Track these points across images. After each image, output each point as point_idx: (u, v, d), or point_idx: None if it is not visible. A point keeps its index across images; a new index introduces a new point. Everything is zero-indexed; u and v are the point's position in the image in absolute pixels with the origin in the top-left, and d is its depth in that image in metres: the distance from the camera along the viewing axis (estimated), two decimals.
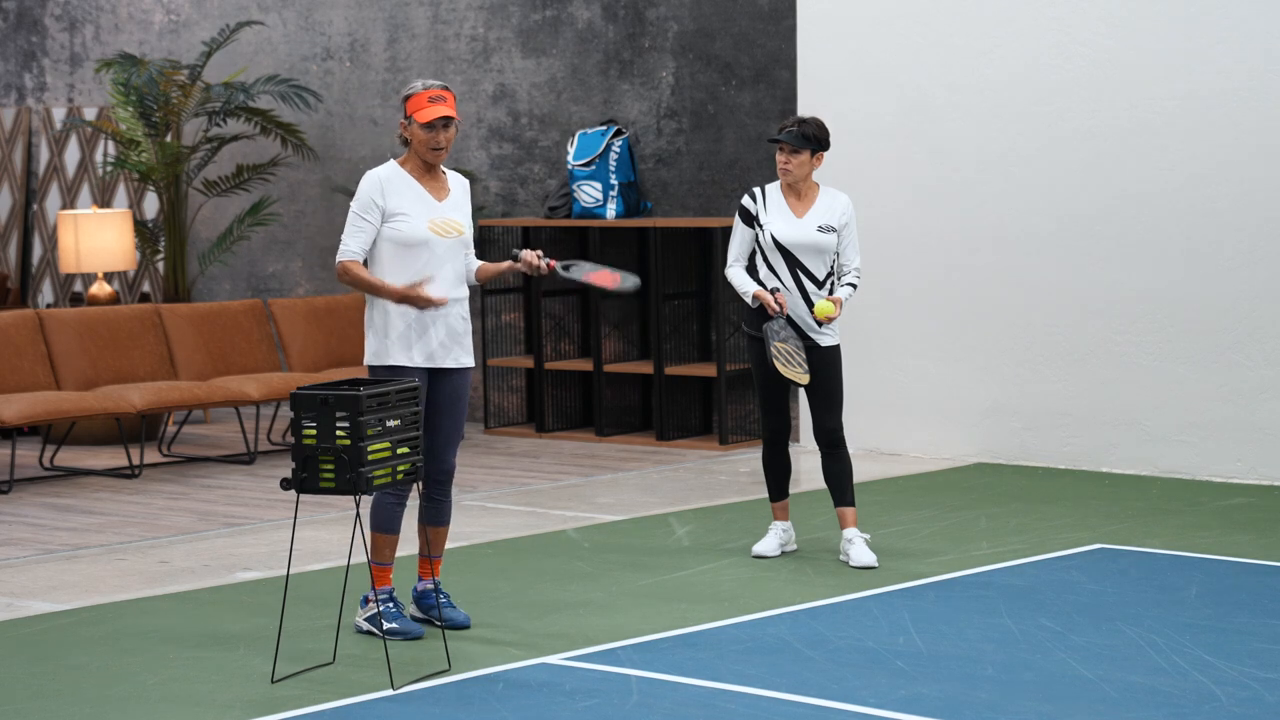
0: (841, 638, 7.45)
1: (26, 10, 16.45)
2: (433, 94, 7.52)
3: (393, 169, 7.61)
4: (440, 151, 7.54)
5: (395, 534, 7.60)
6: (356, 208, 7.54)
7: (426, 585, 7.75)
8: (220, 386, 12.23)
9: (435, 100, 7.51)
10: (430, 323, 7.54)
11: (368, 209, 7.52)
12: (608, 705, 6.57)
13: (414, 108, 7.52)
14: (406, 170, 7.60)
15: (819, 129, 8.81)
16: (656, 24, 13.29)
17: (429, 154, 7.54)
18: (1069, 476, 11.25)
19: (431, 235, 7.53)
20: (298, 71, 14.85)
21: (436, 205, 7.59)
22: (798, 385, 8.73)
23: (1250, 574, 8.59)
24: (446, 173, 7.71)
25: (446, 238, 7.57)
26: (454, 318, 7.60)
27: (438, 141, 7.52)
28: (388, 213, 7.52)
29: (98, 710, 6.70)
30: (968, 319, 11.86)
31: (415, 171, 7.61)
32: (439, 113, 7.49)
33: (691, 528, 9.84)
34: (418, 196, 7.57)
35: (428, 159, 7.56)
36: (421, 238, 7.52)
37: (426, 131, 7.51)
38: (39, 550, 9.58)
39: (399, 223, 7.51)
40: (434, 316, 7.54)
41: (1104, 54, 11.32)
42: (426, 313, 7.52)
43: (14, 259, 16.12)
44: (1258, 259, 10.90)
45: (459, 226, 7.61)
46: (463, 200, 7.70)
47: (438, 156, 7.55)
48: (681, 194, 13.22)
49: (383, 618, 7.37)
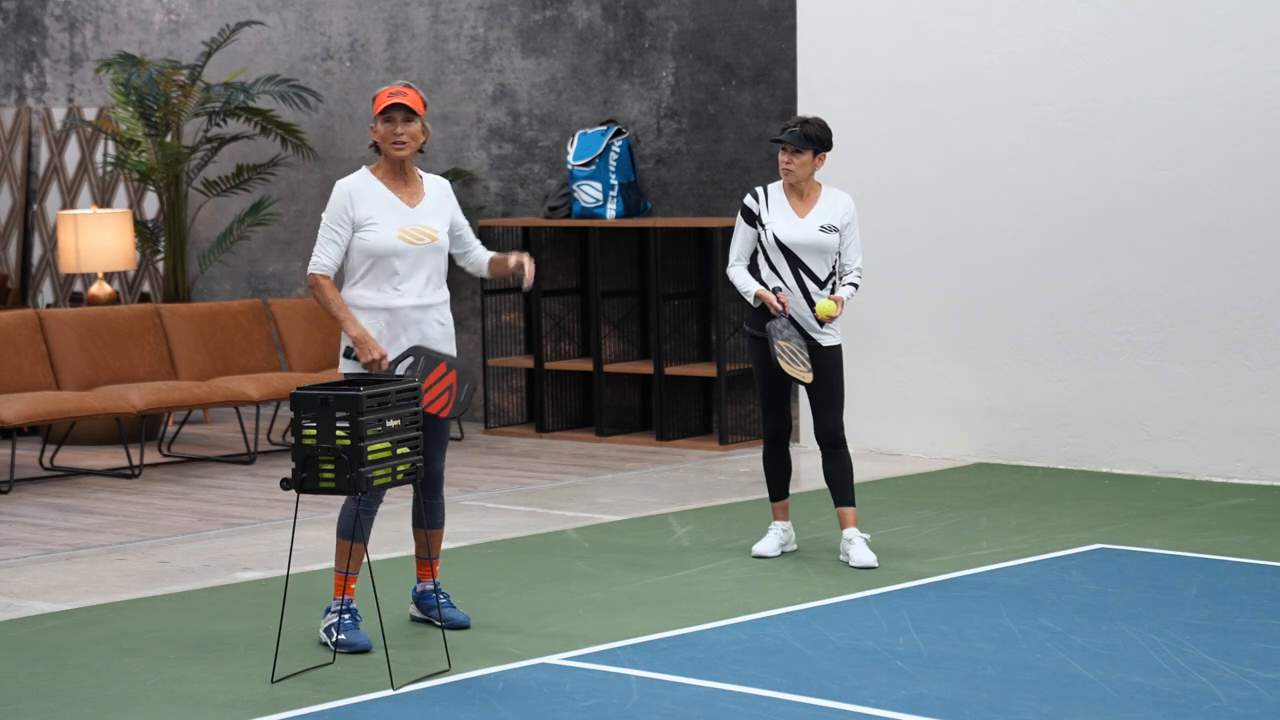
0: (841, 638, 7.45)
1: (26, 10, 16.45)
2: (392, 90, 7.48)
3: (363, 177, 7.54)
4: (402, 146, 7.44)
5: (359, 543, 7.43)
6: (327, 219, 7.48)
7: (426, 586, 7.76)
8: (220, 386, 12.23)
9: (394, 95, 7.45)
10: (402, 330, 7.46)
11: (338, 220, 7.45)
12: (608, 705, 6.57)
13: (376, 105, 7.47)
14: (377, 176, 7.53)
15: (821, 129, 8.81)
16: (656, 24, 13.29)
17: (391, 149, 7.45)
18: (1069, 476, 11.25)
19: (400, 244, 7.44)
20: (298, 71, 14.85)
21: (408, 211, 7.51)
22: (801, 384, 8.74)
23: (1250, 574, 8.59)
24: (423, 177, 7.64)
25: (418, 245, 7.47)
26: (428, 323, 7.52)
27: (397, 134, 7.42)
28: (358, 222, 7.45)
29: (98, 710, 6.70)
30: (968, 319, 11.87)
31: (386, 177, 7.54)
32: (386, 100, 7.42)
33: (691, 528, 9.84)
34: (388, 203, 7.49)
35: (391, 154, 7.47)
36: (390, 247, 7.43)
37: (385, 124, 7.44)
38: (39, 550, 9.58)
39: (368, 231, 7.43)
40: (405, 324, 7.46)
41: (1103, 53, 11.32)
42: (398, 319, 7.45)
43: (14, 259, 16.12)
44: (1257, 259, 10.90)
45: (431, 232, 7.51)
46: (441, 204, 7.62)
47: (400, 151, 7.45)
48: (681, 194, 13.22)
49: (335, 629, 7.35)
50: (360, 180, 7.53)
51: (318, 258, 7.46)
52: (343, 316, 7.40)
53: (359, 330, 7.37)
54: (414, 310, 7.48)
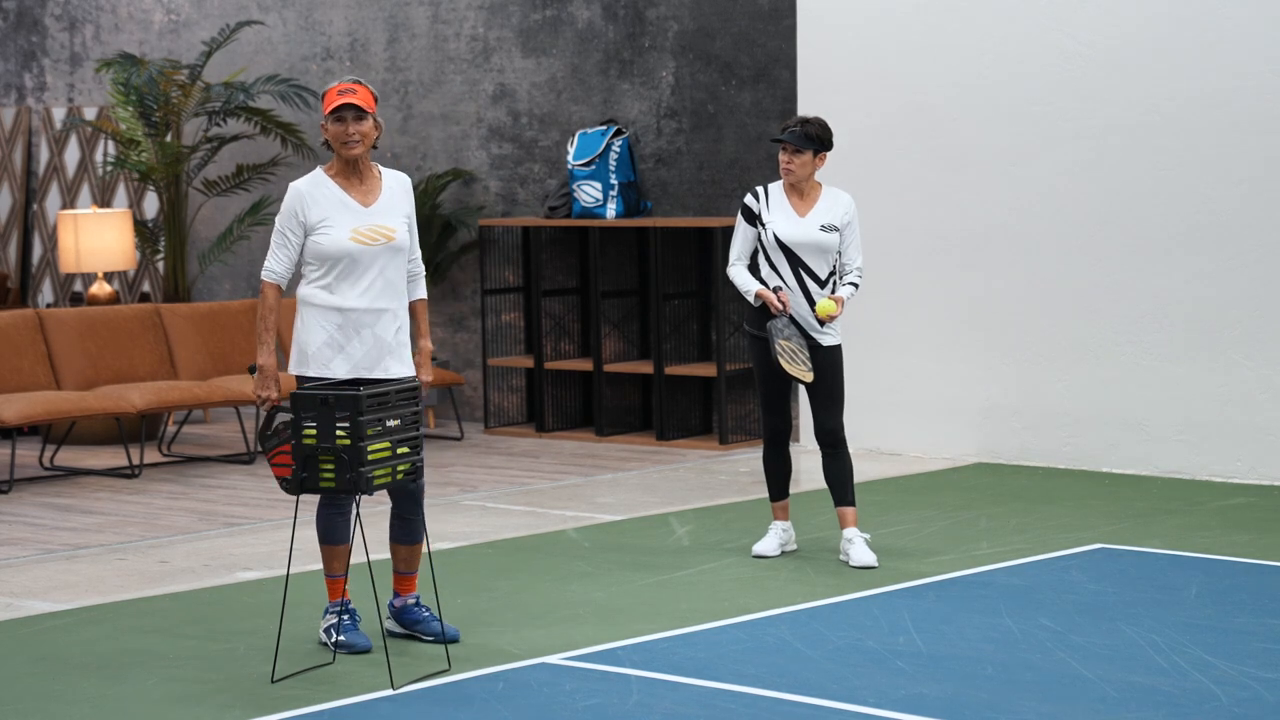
0: (841, 638, 7.45)
1: (26, 10, 16.45)
2: (342, 87, 7.31)
3: (316, 178, 7.38)
4: (354, 145, 7.29)
5: (342, 544, 7.37)
6: (280, 224, 7.32)
7: (407, 601, 7.57)
8: (220, 386, 12.23)
9: (344, 93, 7.30)
10: (355, 333, 7.32)
11: (290, 226, 7.31)
12: (608, 705, 6.57)
13: (326, 104, 7.32)
14: (330, 176, 7.37)
15: (822, 129, 8.81)
16: (656, 24, 13.29)
17: (342, 149, 7.30)
18: (1069, 476, 11.25)
19: (353, 245, 7.28)
20: (298, 71, 14.84)
21: (362, 211, 7.34)
22: (802, 383, 8.74)
23: (1250, 574, 8.59)
24: (383, 173, 7.46)
25: (373, 245, 7.31)
26: (382, 327, 7.35)
27: (349, 134, 7.28)
28: (310, 225, 7.29)
29: (98, 710, 6.69)
30: (968, 319, 11.86)
31: (339, 177, 7.37)
32: (335, 100, 7.28)
33: (691, 528, 9.84)
34: (341, 204, 7.32)
35: (343, 154, 7.31)
36: (342, 250, 7.28)
37: (336, 124, 7.29)
38: (39, 550, 9.58)
39: (321, 234, 7.29)
40: (358, 326, 7.31)
41: (1104, 54, 11.31)
42: (350, 321, 7.30)
43: (14, 259, 16.12)
44: (1258, 259, 10.90)
45: (388, 232, 7.34)
46: (399, 201, 7.43)
47: (351, 151, 7.29)
48: (681, 194, 13.22)
49: (335, 629, 7.31)
50: (311, 183, 7.36)
51: (269, 264, 7.34)
52: (265, 339, 7.32)
53: (268, 361, 7.31)
54: (367, 314, 7.32)
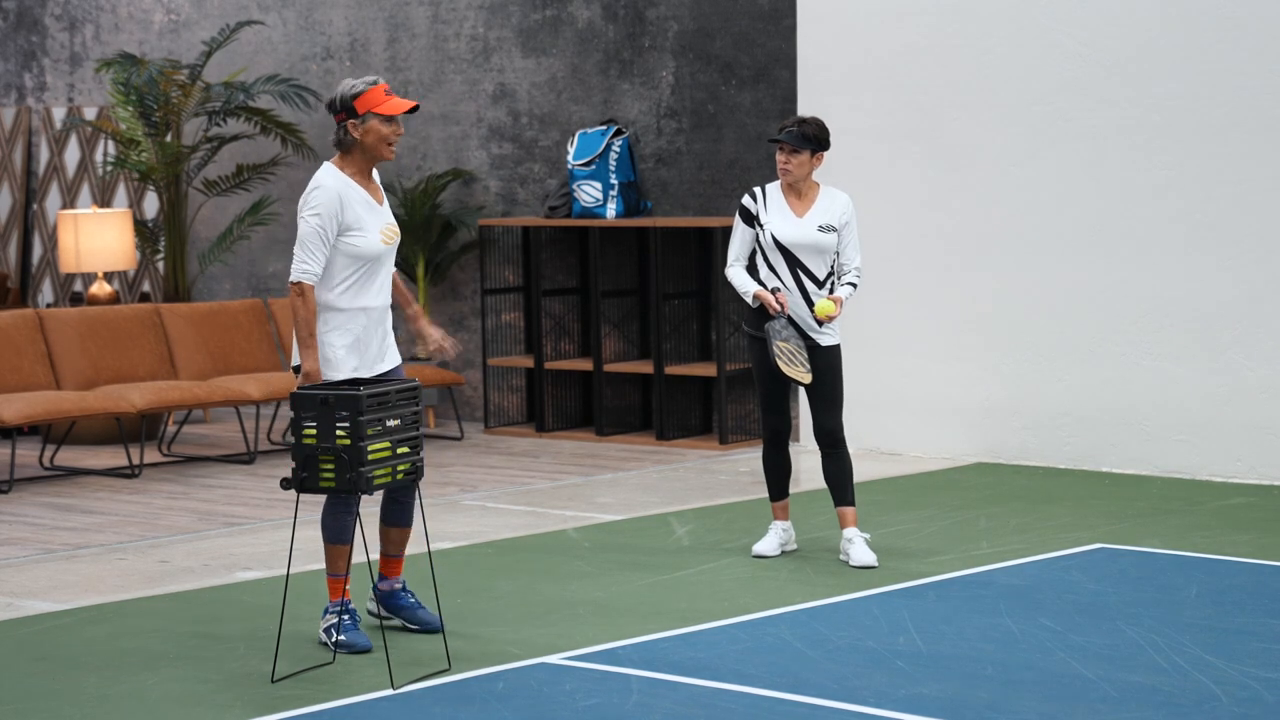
0: (841, 638, 7.45)
1: (26, 10, 16.45)
2: (386, 88, 7.29)
3: (340, 178, 7.28)
4: (394, 149, 7.30)
5: (347, 544, 7.36)
6: (318, 224, 7.16)
7: (394, 585, 7.61)
8: (220, 386, 12.23)
9: (392, 94, 7.27)
10: (374, 330, 7.34)
11: (330, 225, 7.19)
12: (608, 705, 6.57)
13: (372, 102, 7.23)
14: (348, 175, 7.30)
15: (819, 129, 8.80)
16: (656, 24, 13.29)
17: (386, 151, 7.26)
18: (1069, 476, 11.25)
19: (383, 246, 7.29)
20: (298, 71, 14.85)
21: (380, 210, 7.35)
22: (800, 384, 8.73)
23: (1250, 574, 8.59)
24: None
25: (391, 244, 7.35)
26: (388, 322, 7.44)
27: (396, 136, 7.28)
28: (345, 226, 7.22)
29: (98, 710, 6.69)
30: (968, 319, 11.86)
31: (358, 176, 7.31)
32: (409, 104, 7.26)
33: (691, 527, 9.84)
34: (367, 205, 7.29)
35: (383, 156, 7.28)
36: (375, 251, 7.27)
37: (388, 125, 7.25)
38: (39, 550, 9.58)
39: (355, 237, 7.23)
40: (376, 324, 7.34)
41: (1104, 54, 11.31)
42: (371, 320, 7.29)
43: (14, 259, 16.12)
44: (1257, 259, 10.90)
45: (397, 229, 7.38)
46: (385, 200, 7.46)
47: (391, 154, 7.30)
48: (681, 194, 13.22)
49: (335, 629, 7.32)
50: (340, 180, 7.28)
51: (305, 264, 7.18)
52: (310, 343, 7.20)
53: (314, 367, 7.20)
54: (381, 311, 7.39)
